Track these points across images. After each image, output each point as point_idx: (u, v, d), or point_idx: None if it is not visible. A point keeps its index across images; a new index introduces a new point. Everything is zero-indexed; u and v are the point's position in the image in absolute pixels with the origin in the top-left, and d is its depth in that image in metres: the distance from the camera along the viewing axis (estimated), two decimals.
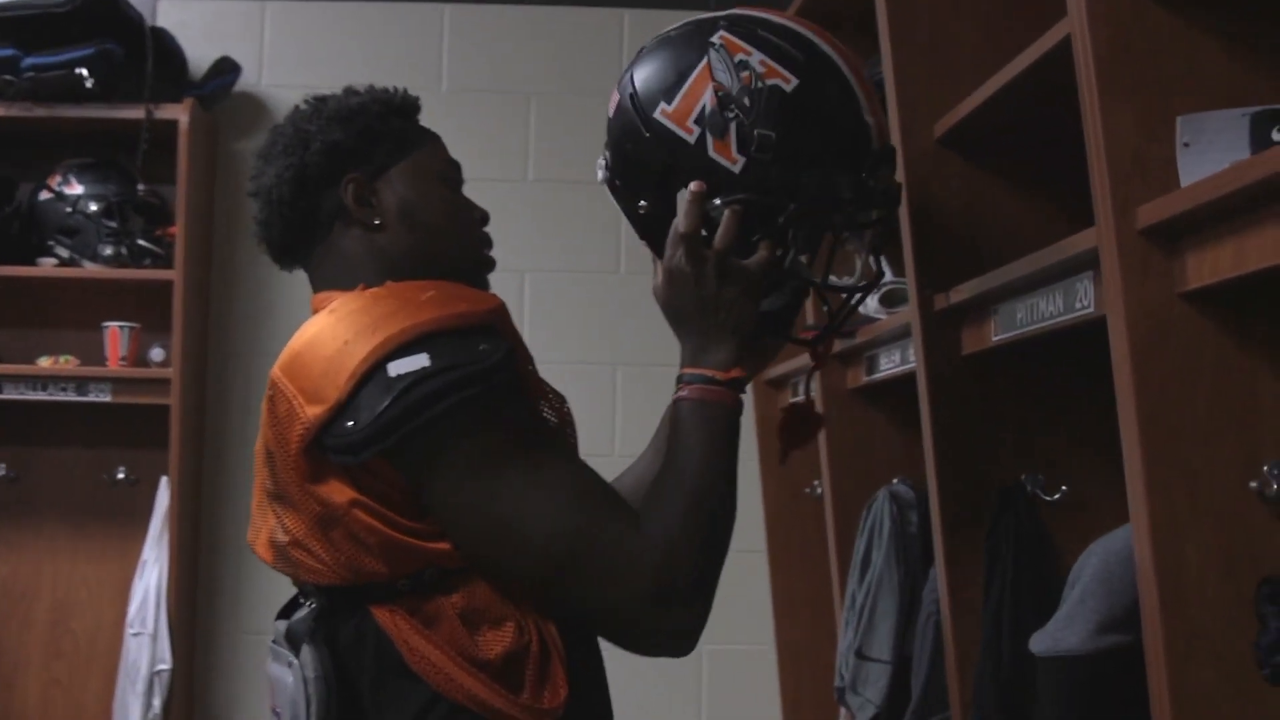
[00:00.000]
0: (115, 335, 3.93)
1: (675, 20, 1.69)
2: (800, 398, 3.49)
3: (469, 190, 1.78)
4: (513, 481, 1.48)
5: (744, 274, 1.60)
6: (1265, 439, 1.61)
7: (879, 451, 3.03)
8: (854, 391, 3.06)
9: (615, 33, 4.21)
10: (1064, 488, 2.23)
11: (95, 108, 3.84)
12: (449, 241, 1.70)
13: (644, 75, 1.65)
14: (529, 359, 1.59)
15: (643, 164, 1.64)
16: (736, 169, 1.59)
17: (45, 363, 3.94)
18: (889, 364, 2.76)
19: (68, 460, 4.12)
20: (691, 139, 1.60)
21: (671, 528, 1.49)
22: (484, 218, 1.77)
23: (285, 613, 1.64)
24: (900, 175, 2.33)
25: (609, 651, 1.59)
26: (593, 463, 1.55)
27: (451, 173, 1.75)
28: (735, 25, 1.63)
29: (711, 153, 1.59)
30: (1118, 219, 1.64)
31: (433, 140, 1.76)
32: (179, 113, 3.85)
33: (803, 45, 1.62)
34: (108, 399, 3.90)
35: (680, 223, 1.59)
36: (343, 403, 1.46)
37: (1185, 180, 1.60)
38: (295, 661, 1.54)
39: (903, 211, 2.37)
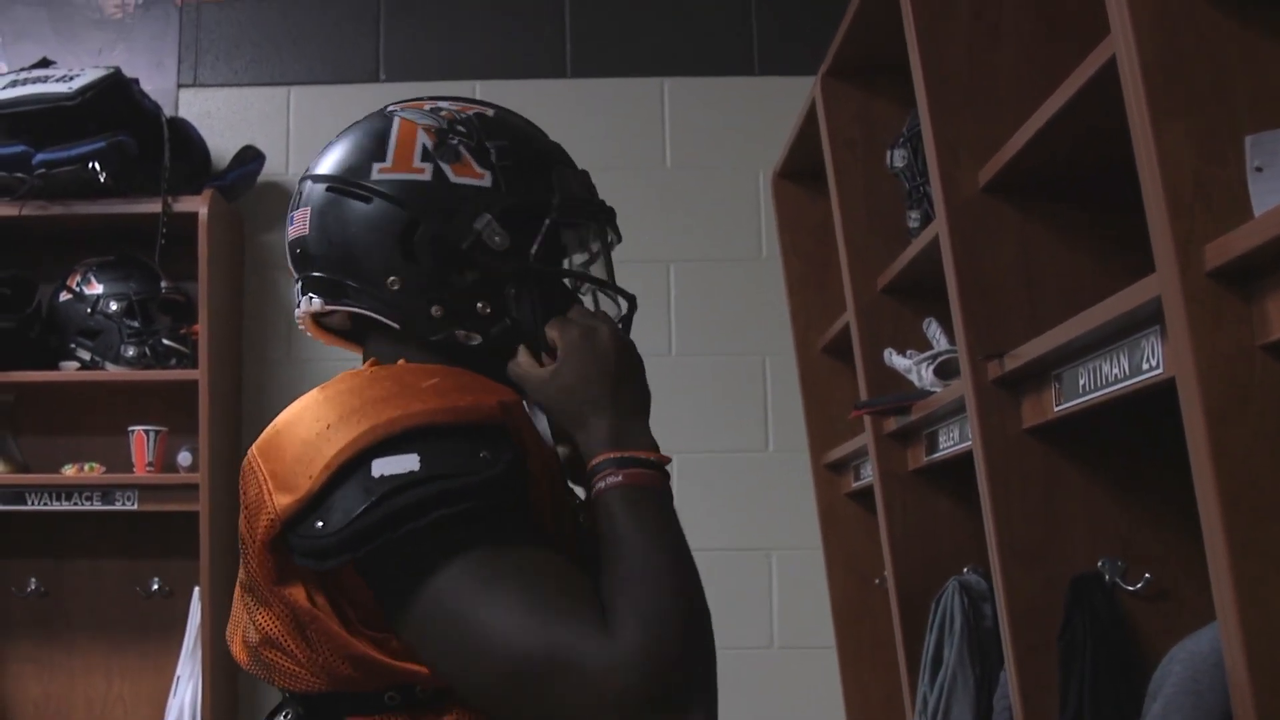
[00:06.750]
0: (141, 440, 3.79)
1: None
2: (862, 482, 3.26)
3: None
4: (491, 601, 1.27)
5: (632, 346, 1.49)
6: None
7: (945, 538, 2.79)
8: (915, 473, 2.83)
9: (656, 102, 3.97)
10: (1147, 575, 2.01)
11: (112, 203, 3.73)
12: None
13: (333, 161, 1.53)
14: (551, 461, 1.40)
15: (373, 239, 1.49)
16: (486, 182, 1.49)
17: (70, 471, 3.81)
18: (948, 442, 2.52)
19: (99, 572, 3.97)
20: (427, 175, 1.49)
21: (654, 622, 1.25)
22: None
23: None
24: (943, 228, 2.13)
25: None
26: None
27: None
28: (402, 103, 1.59)
29: (454, 179, 1.48)
30: (1180, 259, 1.42)
31: None
32: (198, 204, 3.72)
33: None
34: (134, 507, 3.75)
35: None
36: (314, 495, 1.30)
37: (1259, 210, 1.39)
38: None
39: (949, 271, 2.14)
